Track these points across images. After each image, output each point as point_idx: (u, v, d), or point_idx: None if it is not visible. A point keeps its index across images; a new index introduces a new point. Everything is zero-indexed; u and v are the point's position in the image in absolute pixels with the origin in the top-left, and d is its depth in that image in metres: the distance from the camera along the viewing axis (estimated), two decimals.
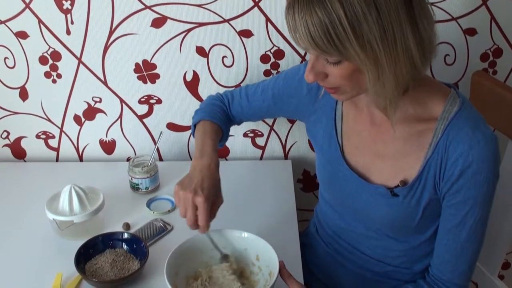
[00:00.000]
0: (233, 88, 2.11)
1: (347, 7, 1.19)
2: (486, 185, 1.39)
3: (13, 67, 2.16)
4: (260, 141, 2.32)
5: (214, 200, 1.54)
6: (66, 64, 2.14)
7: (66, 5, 2.01)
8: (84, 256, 1.69)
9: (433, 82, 1.48)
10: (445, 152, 1.41)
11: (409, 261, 1.66)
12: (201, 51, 2.10)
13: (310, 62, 1.35)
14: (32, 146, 2.36)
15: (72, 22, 2.05)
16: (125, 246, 1.74)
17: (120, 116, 2.25)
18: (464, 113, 1.40)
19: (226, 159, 2.35)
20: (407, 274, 1.68)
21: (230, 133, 1.91)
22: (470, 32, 2.06)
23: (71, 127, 2.29)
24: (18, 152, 2.37)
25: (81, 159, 2.39)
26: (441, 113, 1.42)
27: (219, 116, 1.81)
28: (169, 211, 1.97)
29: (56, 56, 2.12)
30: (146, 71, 2.14)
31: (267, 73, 2.13)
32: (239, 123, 1.93)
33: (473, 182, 1.39)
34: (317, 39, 1.23)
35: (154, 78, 2.16)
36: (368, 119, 1.57)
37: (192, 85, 2.17)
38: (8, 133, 2.32)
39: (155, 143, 2.30)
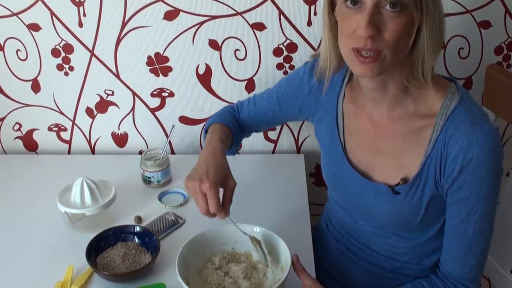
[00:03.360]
0: (246, 82, 2.12)
1: None
2: (488, 180, 1.38)
3: (25, 60, 2.16)
4: (272, 135, 2.31)
5: (225, 185, 1.54)
6: (79, 57, 2.14)
7: None
8: (96, 249, 1.69)
9: (432, 77, 1.46)
10: (444, 148, 1.40)
11: (417, 257, 1.65)
12: (213, 44, 2.09)
13: (367, 15, 1.29)
14: (44, 139, 2.36)
15: (84, 15, 2.04)
16: (136, 240, 1.74)
17: (132, 109, 2.25)
18: (463, 108, 1.39)
19: (239, 153, 2.34)
20: (417, 269, 1.67)
21: None
22: (485, 25, 2.04)
23: (83, 119, 2.30)
24: (30, 144, 2.38)
25: (93, 151, 2.39)
26: (440, 108, 1.41)
27: (228, 119, 1.82)
28: (180, 204, 1.97)
29: (68, 48, 2.12)
30: (159, 64, 2.14)
31: (279, 66, 2.13)
32: (249, 131, 1.93)
33: (474, 178, 1.37)
34: None
35: (166, 71, 2.15)
36: (367, 117, 1.56)
37: (205, 78, 2.17)
38: (20, 125, 2.33)
39: (167, 136, 2.30)
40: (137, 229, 1.75)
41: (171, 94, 2.21)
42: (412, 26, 1.30)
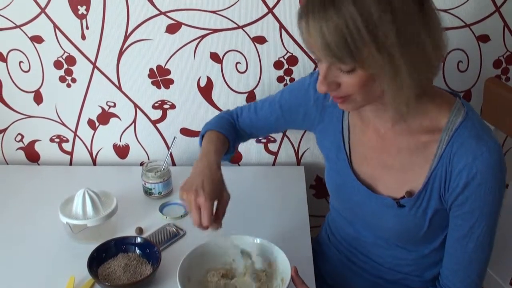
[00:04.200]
0: (247, 94, 2.13)
1: (363, 11, 1.19)
2: (492, 195, 1.39)
3: (28, 71, 2.18)
4: (273, 147, 2.32)
5: (219, 198, 1.55)
6: (81, 69, 2.15)
7: (82, 10, 2.03)
8: (97, 260, 1.70)
9: (438, 92, 1.48)
10: (449, 163, 1.41)
11: (419, 269, 1.66)
12: (215, 57, 2.11)
13: (322, 73, 1.34)
14: (46, 150, 2.37)
15: (87, 27, 2.06)
16: (138, 251, 1.75)
17: (134, 121, 2.26)
18: (469, 124, 1.40)
19: (239, 165, 2.36)
20: (418, 281, 1.68)
21: None
22: (483, 38, 2.06)
23: (85, 131, 2.31)
24: (32, 155, 2.39)
25: (94, 163, 2.40)
26: (446, 124, 1.41)
27: (226, 127, 1.81)
28: (181, 216, 1.97)
29: (71, 60, 2.13)
30: (160, 77, 2.15)
31: (280, 79, 2.14)
32: (248, 137, 1.92)
33: (478, 193, 1.38)
34: (332, 45, 1.23)
35: (168, 83, 2.17)
36: (373, 130, 1.56)
37: (206, 90, 2.18)
38: (22, 136, 2.34)
39: (168, 148, 2.31)
40: (139, 240, 1.76)
41: (173, 106, 2.22)
42: (372, 78, 1.30)
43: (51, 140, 2.34)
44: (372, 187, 1.59)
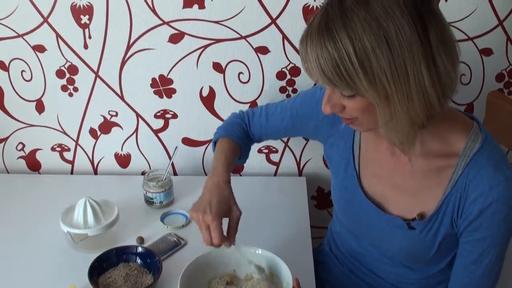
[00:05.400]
0: (249, 104, 2.13)
1: (356, 43, 1.18)
2: (504, 225, 1.37)
3: (30, 80, 2.18)
4: (274, 157, 2.32)
5: (229, 215, 1.53)
6: (83, 78, 2.15)
7: (84, 19, 2.03)
8: (98, 269, 1.70)
9: (455, 115, 1.44)
10: (464, 190, 1.39)
11: (423, 287, 1.65)
12: (217, 67, 2.11)
13: (326, 95, 1.35)
14: (47, 159, 2.37)
15: (90, 37, 2.06)
16: (138, 260, 1.74)
17: (136, 130, 2.26)
18: (486, 151, 1.37)
19: (240, 175, 2.36)
20: None
21: None
22: (486, 52, 2.06)
23: (86, 140, 2.31)
24: (33, 164, 2.39)
25: (95, 172, 2.40)
26: (463, 149, 1.39)
27: (238, 134, 1.80)
28: (183, 225, 1.97)
29: (73, 70, 2.14)
30: (163, 86, 2.15)
31: (283, 89, 2.14)
32: (258, 141, 1.90)
33: (491, 222, 1.37)
34: (327, 73, 1.23)
35: (170, 93, 2.17)
36: (388, 149, 1.53)
37: (208, 100, 2.18)
38: (24, 145, 2.34)
39: (170, 157, 2.31)
40: (140, 249, 1.76)
41: (175, 116, 2.22)
42: (374, 105, 1.27)
43: (53, 149, 2.34)
44: (382, 206, 1.57)
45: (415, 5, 1.19)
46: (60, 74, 2.15)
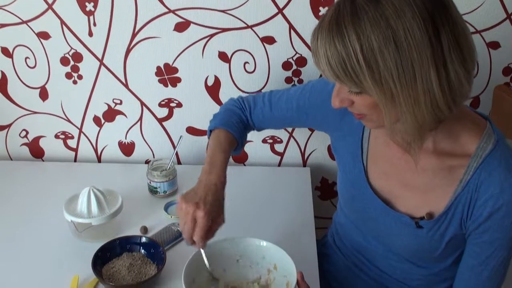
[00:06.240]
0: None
1: (364, 41, 1.17)
2: None
3: (34, 67, 2.17)
4: (279, 147, 2.31)
5: (214, 218, 1.49)
6: (88, 66, 2.15)
7: (89, 7, 2.02)
8: (102, 259, 1.70)
9: (468, 114, 1.42)
10: (475, 191, 1.37)
11: (427, 284, 1.64)
12: (223, 56, 2.10)
13: (335, 88, 1.34)
14: (51, 146, 2.37)
15: (94, 24, 2.05)
16: (142, 250, 1.74)
17: (140, 118, 2.26)
18: (498, 153, 1.36)
19: (244, 164, 2.35)
20: None
21: (249, 138, 1.89)
22: (493, 45, 2.05)
23: (90, 128, 2.30)
24: (36, 151, 2.38)
25: (99, 160, 2.39)
26: (475, 150, 1.37)
27: (236, 125, 1.74)
28: None
29: (77, 57, 2.13)
30: (168, 75, 2.14)
31: (288, 80, 2.13)
32: (258, 130, 1.86)
33: (501, 224, 1.36)
34: (335, 69, 1.22)
35: (175, 81, 2.16)
36: (399, 146, 1.51)
37: (213, 90, 2.17)
38: (27, 132, 2.33)
39: (174, 146, 2.30)
40: (144, 240, 1.76)
41: (179, 105, 2.21)
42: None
43: (56, 136, 2.33)
44: (389, 203, 1.55)
45: (427, 7, 1.18)
46: (64, 61, 2.14)
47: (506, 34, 2.02)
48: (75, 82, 2.18)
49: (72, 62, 2.14)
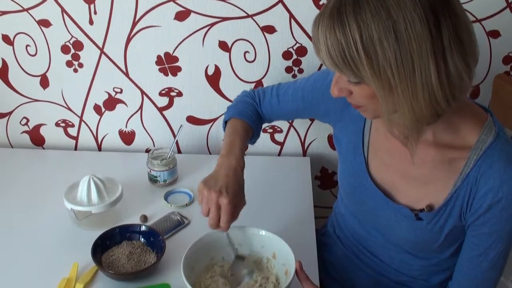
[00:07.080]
0: (255, 84, 2.12)
1: (364, 30, 1.17)
2: None
3: (34, 55, 2.17)
4: (279, 137, 2.31)
5: (237, 202, 1.51)
6: (88, 54, 2.15)
7: None
8: (101, 247, 1.70)
9: (468, 106, 1.41)
10: (475, 184, 1.37)
11: (426, 274, 1.64)
12: (223, 45, 2.09)
13: (334, 77, 1.34)
14: (51, 134, 2.37)
15: (95, 12, 2.05)
16: (142, 239, 1.75)
17: (141, 107, 2.26)
18: (499, 146, 1.36)
19: (244, 154, 2.34)
20: (424, 285, 1.67)
21: None
22: (494, 34, 2.04)
23: (91, 116, 2.30)
24: (37, 139, 2.39)
25: (99, 148, 2.39)
26: (475, 142, 1.37)
27: (250, 114, 1.77)
28: (186, 204, 1.97)
29: (78, 45, 2.12)
30: (168, 64, 2.14)
31: (288, 69, 2.13)
32: (269, 121, 1.89)
33: (500, 217, 1.36)
34: (334, 58, 1.22)
35: (175, 71, 2.16)
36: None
37: (214, 79, 2.17)
38: (28, 120, 2.33)
39: (174, 135, 2.31)
40: (143, 228, 1.76)
41: (180, 94, 2.21)
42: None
43: (57, 124, 2.33)
44: (390, 194, 1.56)
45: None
46: (65, 49, 2.14)
47: (506, 22, 2.01)
48: (75, 71, 2.18)
49: (72, 50, 2.14)
